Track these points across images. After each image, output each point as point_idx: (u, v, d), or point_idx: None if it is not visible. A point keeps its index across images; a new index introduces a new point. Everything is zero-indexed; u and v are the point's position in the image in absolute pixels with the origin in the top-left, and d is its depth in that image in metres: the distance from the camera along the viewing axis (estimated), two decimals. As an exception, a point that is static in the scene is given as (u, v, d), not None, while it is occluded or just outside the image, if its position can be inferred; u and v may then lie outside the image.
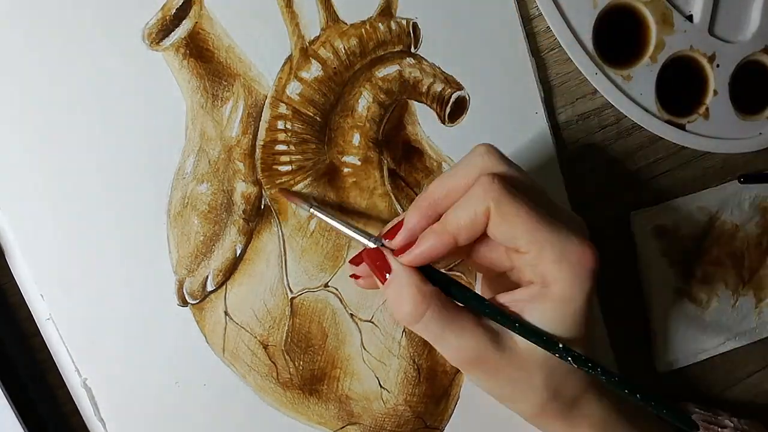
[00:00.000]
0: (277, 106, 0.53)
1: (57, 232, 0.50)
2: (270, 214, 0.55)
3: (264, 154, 0.54)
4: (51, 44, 0.49)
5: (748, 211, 0.69)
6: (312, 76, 0.54)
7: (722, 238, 0.69)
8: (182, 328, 0.54)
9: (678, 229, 0.66)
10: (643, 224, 0.65)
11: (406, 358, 0.59)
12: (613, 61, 0.61)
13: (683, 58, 0.63)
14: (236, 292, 0.55)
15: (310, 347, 0.57)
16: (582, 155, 0.63)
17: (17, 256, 0.50)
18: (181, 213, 0.53)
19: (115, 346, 0.52)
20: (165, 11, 0.50)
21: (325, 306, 0.57)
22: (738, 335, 0.71)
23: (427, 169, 0.58)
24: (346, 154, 0.56)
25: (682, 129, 0.64)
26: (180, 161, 0.52)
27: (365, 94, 0.55)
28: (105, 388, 0.52)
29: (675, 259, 0.67)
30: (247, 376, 0.56)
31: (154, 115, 0.51)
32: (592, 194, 0.64)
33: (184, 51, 0.51)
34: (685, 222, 0.67)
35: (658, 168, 0.66)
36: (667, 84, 0.63)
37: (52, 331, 0.51)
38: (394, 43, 0.56)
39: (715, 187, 0.68)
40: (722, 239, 0.69)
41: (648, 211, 0.66)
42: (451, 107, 0.57)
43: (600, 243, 0.64)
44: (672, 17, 0.61)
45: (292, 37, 0.53)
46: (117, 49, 0.50)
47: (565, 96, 0.61)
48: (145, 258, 0.52)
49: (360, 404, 0.59)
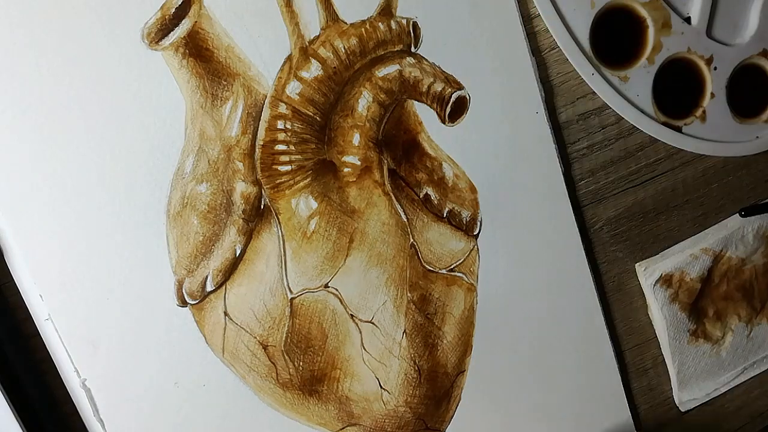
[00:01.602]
0: (276, 105, 0.53)
1: (56, 233, 0.50)
2: (269, 214, 0.55)
3: (263, 154, 0.54)
4: (49, 44, 0.48)
5: (753, 243, 0.69)
6: (312, 75, 0.54)
7: (729, 273, 0.69)
8: (181, 328, 0.54)
9: (684, 274, 0.67)
10: (648, 274, 0.66)
11: (406, 359, 0.59)
12: (610, 61, 0.61)
13: (681, 60, 0.63)
14: (236, 292, 0.54)
15: (310, 348, 0.57)
16: (583, 155, 0.63)
17: (17, 257, 0.50)
18: (181, 213, 0.53)
19: (115, 347, 0.52)
20: (164, 10, 0.50)
21: (325, 307, 0.57)
22: (756, 362, 0.72)
23: (428, 169, 0.58)
24: (346, 153, 0.56)
25: (678, 131, 0.64)
26: (179, 161, 0.52)
27: (365, 93, 0.55)
28: (104, 388, 0.52)
29: (685, 302, 0.67)
30: (247, 376, 0.55)
31: (153, 114, 0.51)
32: (593, 194, 0.64)
33: (184, 50, 0.51)
34: (690, 267, 0.67)
35: (659, 167, 0.66)
36: (664, 86, 0.63)
37: (51, 332, 0.51)
38: (395, 43, 0.55)
39: (716, 225, 0.68)
40: (729, 274, 0.69)
41: (651, 262, 0.66)
42: (452, 107, 0.57)
43: (600, 242, 0.65)
44: (670, 19, 0.61)
45: (292, 37, 0.53)
46: (116, 48, 0.50)
47: (565, 95, 0.61)
48: (144, 258, 0.52)
49: (360, 405, 0.59)
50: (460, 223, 0.59)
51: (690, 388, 0.70)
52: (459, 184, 0.59)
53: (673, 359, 0.68)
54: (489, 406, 0.63)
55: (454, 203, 0.59)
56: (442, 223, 0.59)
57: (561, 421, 0.66)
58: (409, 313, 0.59)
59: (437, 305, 0.60)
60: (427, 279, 0.59)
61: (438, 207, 0.58)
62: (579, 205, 0.64)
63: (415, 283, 0.59)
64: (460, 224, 0.59)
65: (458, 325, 0.60)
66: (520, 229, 0.61)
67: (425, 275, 0.59)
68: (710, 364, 0.70)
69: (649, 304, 0.67)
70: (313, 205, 0.55)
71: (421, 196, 0.58)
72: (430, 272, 0.59)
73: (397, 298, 0.58)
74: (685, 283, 0.67)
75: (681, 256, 0.67)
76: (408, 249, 0.58)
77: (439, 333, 0.60)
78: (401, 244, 0.58)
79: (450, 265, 0.60)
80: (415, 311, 0.59)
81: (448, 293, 0.60)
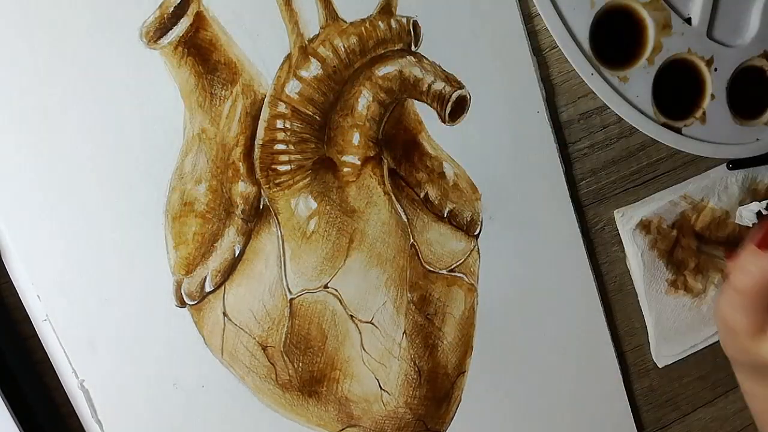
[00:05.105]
0: (276, 104, 0.53)
1: (54, 233, 0.50)
2: (269, 214, 0.54)
3: (263, 154, 0.53)
4: (48, 43, 0.48)
5: (738, 195, 0.68)
6: (311, 74, 0.54)
7: (713, 224, 0.68)
8: (180, 329, 0.53)
9: (663, 221, 0.66)
10: (626, 221, 0.65)
11: (406, 359, 0.59)
12: (609, 62, 0.60)
13: (681, 61, 0.63)
14: (235, 292, 0.54)
15: (310, 348, 0.56)
16: (584, 154, 0.63)
17: (14, 257, 0.50)
18: (179, 213, 0.52)
19: (113, 348, 0.52)
20: (163, 9, 0.50)
21: (324, 307, 0.56)
22: None
23: (428, 169, 0.58)
24: (345, 153, 0.55)
25: (678, 133, 0.64)
26: (178, 161, 0.52)
27: (365, 92, 0.55)
28: (102, 389, 0.52)
29: (664, 251, 0.67)
30: (246, 377, 0.55)
31: (152, 114, 0.51)
32: (594, 194, 0.64)
33: (182, 49, 0.51)
34: (669, 213, 0.66)
35: (661, 167, 0.65)
36: (664, 87, 0.62)
37: (49, 333, 0.51)
38: (395, 42, 0.55)
39: (699, 175, 0.67)
40: (713, 226, 0.68)
41: (630, 207, 0.65)
42: (452, 106, 0.57)
43: (602, 243, 0.65)
44: (670, 19, 0.61)
45: (292, 36, 0.53)
46: (114, 47, 0.49)
47: (566, 95, 0.61)
48: (143, 259, 0.52)
49: (360, 406, 0.58)
50: (460, 223, 0.59)
51: (668, 342, 0.69)
52: (460, 183, 0.58)
53: (650, 310, 0.67)
54: (489, 407, 0.62)
55: (455, 203, 0.59)
56: (442, 223, 0.59)
57: (561, 423, 0.66)
58: (409, 314, 0.58)
59: (437, 306, 0.59)
60: (428, 279, 0.59)
61: (438, 207, 0.58)
62: (580, 204, 0.64)
63: (415, 284, 0.58)
64: (460, 224, 0.59)
65: (458, 325, 0.60)
66: (521, 229, 0.61)
67: (425, 275, 0.59)
68: (690, 318, 0.69)
69: (627, 251, 0.66)
70: (313, 205, 0.55)
71: (421, 195, 0.58)
72: (430, 272, 0.59)
73: (397, 299, 0.58)
74: (664, 231, 0.66)
75: (660, 203, 0.66)
76: (408, 249, 0.58)
77: (439, 334, 0.59)
78: (401, 245, 0.58)
79: (450, 265, 0.59)
80: (415, 312, 0.59)
81: (449, 294, 0.60)
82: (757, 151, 0.67)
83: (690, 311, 0.69)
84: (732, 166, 0.66)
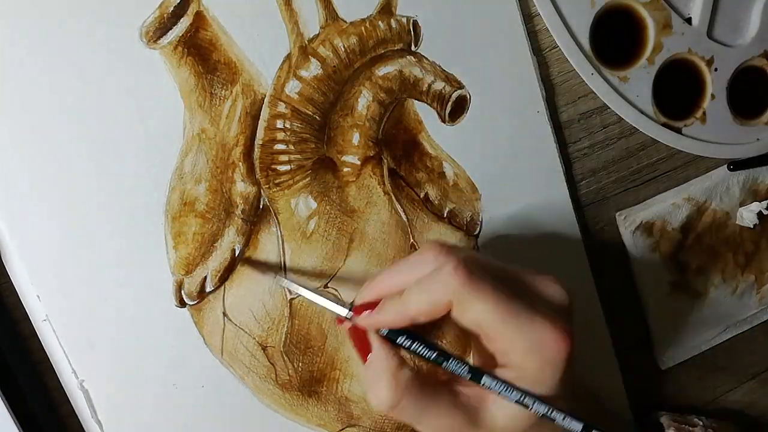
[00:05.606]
0: (276, 104, 0.53)
1: (53, 233, 0.50)
2: (269, 214, 0.54)
3: (263, 154, 0.53)
4: (47, 43, 0.48)
5: (739, 196, 0.68)
6: (311, 74, 0.54)
7: (714, 226, 0.68)
8: (180, 329, 0.53)
9: (666, 223, 0.66)
10: (628, 223, 0.65)
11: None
12: (609, 61, 0.60)
13: (681, 61, 0.63)
14: (235, 293, 0.54)
15: (310, 348, 0.56)
16: (584, 154, 0.63)
17: (14, 257, 0.50)
18: (179, 213, 0.52)
19: (113, 348, 0.52)
20: (163, 9, 0.50)
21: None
22: (739, 322, 0.72)
23: (428, 169, 0.58)
24: (345, 153, 0.55)
25: (678, 132, 0.64)
26: (178, 161, 0.52)
27: (365, 92, 0.55)
28: (102, 389, 0.52)
29: (666, 252, 0.67)
30: (246, 377, 0.55)
31: (152, 114, 0.51)
32: (594, 194, 0.64)
33: (182, 49, 0.51)
34: (671, 216, 0.66)
35: (661, 167, 0.65)
36: (664, 87, 0.62)
37: (49, 333, 0.51)
38: (395, 42, 0.55)
39: (700, 177, 0.67)
40: (714, 227, 0.68)
41: (632, 209, 0.66)
42: (452, 106, 0.57)
43: (600, 243, 0.65)
44: (670, 19, 0.61)
45: (291, 35, 0.53)
46: (114, 47, 0.49)
47: (566, 95, 0.61)
48: (143, 259, 0.52)
49: (360, 406, 0.58)
50: (460, 223, 0.59)
51: (670, 344, 0.69)
52: (459, 183, 0.58)
53: (653, 312, 0.68)
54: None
55: (455, 203, 0.59)
56: (442, 223, 0.59)
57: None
58: (409, 314, 0.58)
59: (437, 306, 0.59)
60: (428, 279, 0.59)
61: (438, 207, 0.58)
62: (580, 204, 0.64)
63: (415, 284, 0.58)
64: (460, 224, 0.59)
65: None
66: (521, 229, 0.61)
67: (425, 275, 0.58)
68: (691, 319, 0.69)
69: (628, 252, 0.66)
70: (313, 205, 0.55)
71: (421, 195, 0.58)
72: (430, 272, 0.59)
73: (397, 299, 0.58)
74: (667, 233, 0.66)
75: (663, 205, 0.66)
76: (408, 249, 0.58)
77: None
78: (401, 245, 0.58)
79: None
80: (416, 312, 0.59)
81: (449, 294, 0.59)
82: (757, 151, 0.67)
83: (692, 313, 0.69)
84: (733, 167, 0.66)
